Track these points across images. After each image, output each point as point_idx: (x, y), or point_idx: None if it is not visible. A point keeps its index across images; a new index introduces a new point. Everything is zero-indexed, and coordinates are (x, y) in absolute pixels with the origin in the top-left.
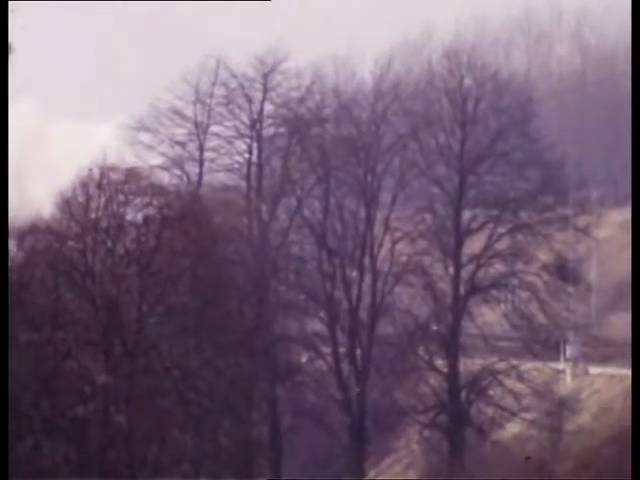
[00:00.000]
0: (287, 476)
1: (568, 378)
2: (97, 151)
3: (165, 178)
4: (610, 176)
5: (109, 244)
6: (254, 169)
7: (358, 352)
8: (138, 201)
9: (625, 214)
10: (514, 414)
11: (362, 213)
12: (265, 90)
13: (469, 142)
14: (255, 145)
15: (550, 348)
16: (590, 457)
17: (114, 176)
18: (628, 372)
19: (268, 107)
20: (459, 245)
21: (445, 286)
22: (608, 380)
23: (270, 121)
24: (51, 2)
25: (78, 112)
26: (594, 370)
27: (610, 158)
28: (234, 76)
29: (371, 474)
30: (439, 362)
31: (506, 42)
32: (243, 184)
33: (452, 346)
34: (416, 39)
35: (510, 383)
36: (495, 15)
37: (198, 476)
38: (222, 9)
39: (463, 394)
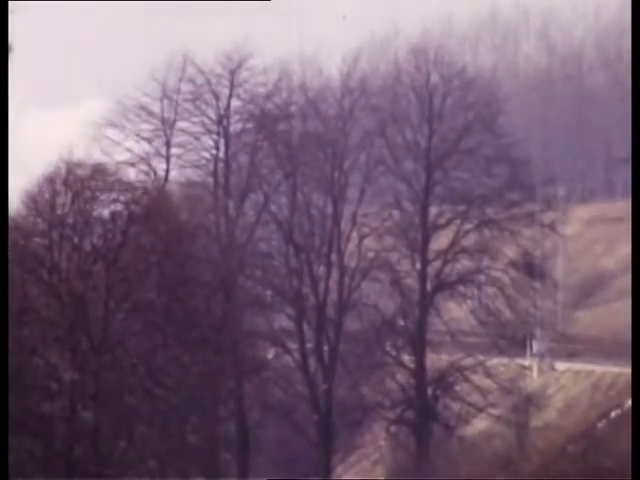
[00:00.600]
0: (254, 472)
1: (534, 374)
2: (64, 143)
3: (132, 174)
4: (576, 173)
5: (75, 240)
6: (221, 165)
7: (325, 348)
8: (105, 197)
9: (591, 210)
10: (481, 410)
11: (329, 209)
12: (232, 86)
13: (436, 138)
14: (222, 141)
15: (517, 344)
16: (556, 453)
17: (80, 172)
18: (594, 368)
19: (235, 103)
20: (426, 241)
21: (412, 282)
22: (574, 376)
23: (237, 117)
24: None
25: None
26: (560, 366)
27: (576, 155)
28: (201, 72)
29: (338, 470)
30: (406, 358)
31: (473, 39)
32: (210, 180)
33: (419, 342)
34: (383, 36)
35: (477, 379)
36: (462, 12)
37: (165, 472)
38: (189, 5)
39: (430, 390)
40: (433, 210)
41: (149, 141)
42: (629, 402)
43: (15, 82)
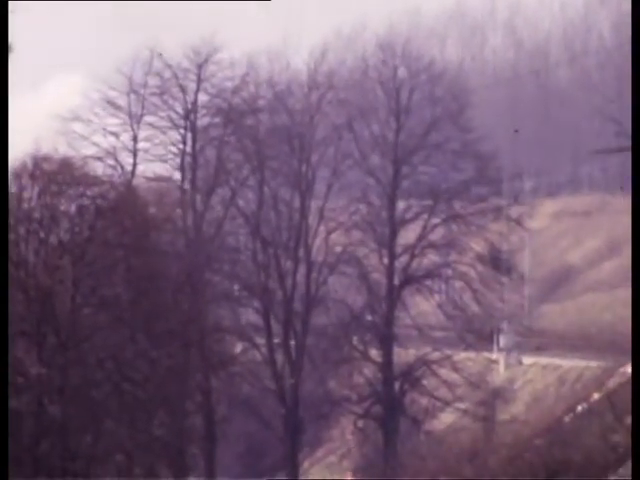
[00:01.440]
0: (221, 466)
1: (501, 368)
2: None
3: (99, 168)
4: (543, 167)
5: (42, 235)
6: (188, 159)
7: (292, 342)
8: (72, 191)
9: (557, 204)
10: (448, 404)
11: (297, 203)
12: (199, 80)
13: (403, 133)
14: (189, 135)
15: (484, 338)
16: (523, 447)
17: (47, 166)
18: (560, 362)
19: (202, 97)
20: (393, 235)
21: (379, 276)
22: (541, 370)
23: (204, 111)
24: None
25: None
26: (527, 360)
27: (543, 149)
28: (168, 66)
29: (305, 464)
30: (373, 352)
31: (440, 33)
32: (177, 174)
33: (386, 336)
34: (350, 30)
35: (444, 373)
36: (429, 6)
37: (132, 467)
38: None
39: (397, 384)
40: (400, 204)
41: (116, 135)
42: (595, 396)
43: None
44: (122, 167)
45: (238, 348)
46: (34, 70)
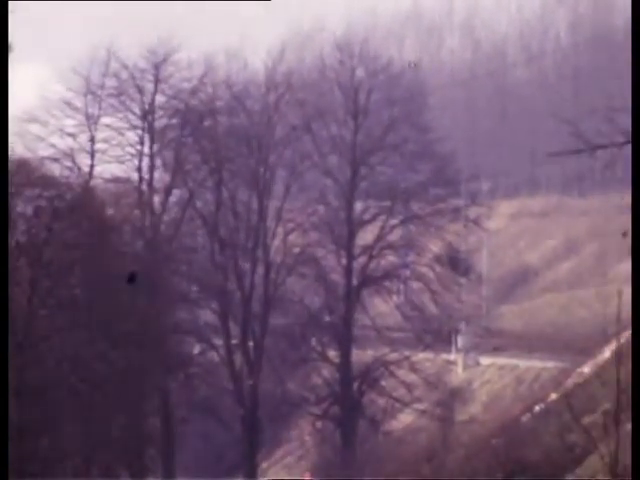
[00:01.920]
0: (180, 468)
1: (459, 369)
2: None
3: (56, 170)
4: (500, 168)
5: None
6: (146, 161)
7: (251, 343)
8: (28, 193)
9: (515, 205)
10: (406, 404)
11: (255, 204)
12: (157, 81)
13: (361, 133)
14: (147, 136)
15: (442, 339)
16: (480, 447)
17: None
18: (518, 362)
19: (160, 98)
20: (351, 236)
21: (337, 277)
22: (498, 370)
23: (162, 112)
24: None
25: None
26: (485, 360)
27: (500, 150)
28: (125, 67)
29: (263, 465)
30: (332, 353)
31: (398, 34)
32: (135, 176)
33: (345, 337)
34: (308, 30)
35: (402, 374)
36: (386, 7)
37: (89, 469)
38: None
39: (355, 385)
40: (359, 205)
41: (73, 136)
42: (552, 396)
43: None
44: (79, 168)
45: (196, 349)
46: None
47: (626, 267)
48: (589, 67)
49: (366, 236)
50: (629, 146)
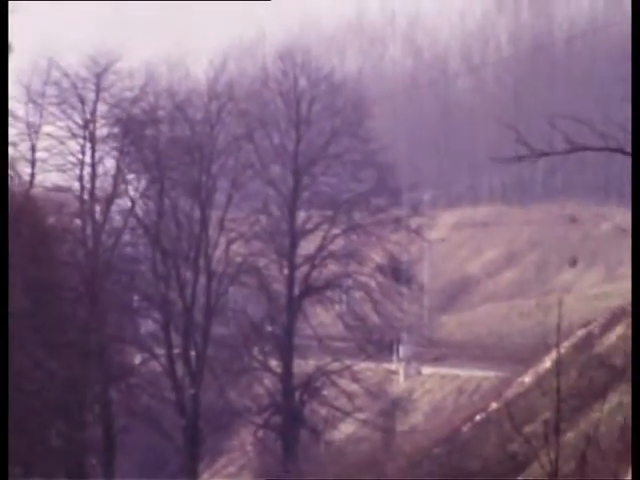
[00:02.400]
0: (121, 477)
1: (401, 378)
2: None
3: None
4: (442, 178)
5: None
6: (87, 169)
7: (193, 353)
8: None
9: (456, 215)
10: (348, 414)
11: (197, 214)
12: (98, 90)
13: (303, 143)
14: (88, 145)
15: (383, 348)
16: (422, 456)
17: None
18: (459, 372)
19: (101, 107)
20: (294, 246)
21: (280, 287)
22: (439, 380)
23: (103, 121)
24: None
25: None
26: (426, 370)
27: (442, 160)
28: (66, 76)
29: (205, 475)
30: (273, 363)
31: (340, 43)
32: (76, 184)
33: (286, 347)
34: (250, 40)
35: (344, 383)
36: (328, 17)
37: (29, 478)
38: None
39: (297, 395)
40: (301, 215)
41: (14, 145)
42: (493, 405)
43: None
44: (20, 177)
45: (138, 359)
46: None
47: (566, 277)
48: (529, 76)
49: (308, 246)
50: (572, 155)
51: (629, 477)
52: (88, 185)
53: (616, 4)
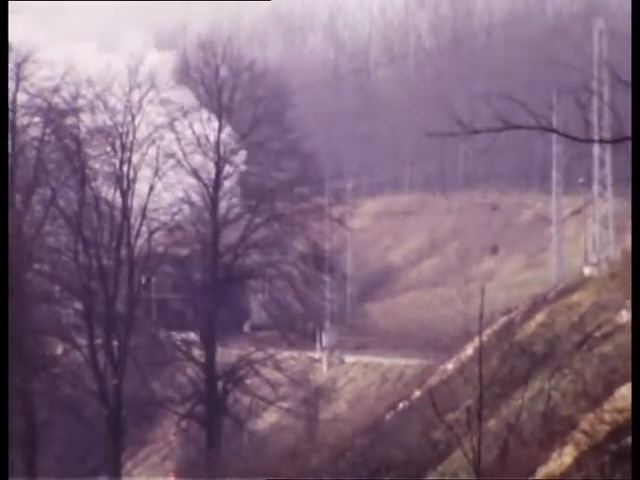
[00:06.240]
0: (42, 469)
1: (324, 367)
2: None
3: None
4: (364, 166)
5: None
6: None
7: (115, 343)
8: None
9: (379, 204)
10: (271, 403)
11: (118, 203)
12: (18, 80)
13: (225, 132)
14: (8, 135)
15: (307, 337)
16: (345, 445)
17: None
18: (382, 360)
19: (22, 97)
20: (216, 235)
21: (202, 276)
22: (363, 368)
23: (24, 111)
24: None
25: None
26: (349, 359)
27: (364, 148)
28: None
29: (128, 465)
30: (196, 352)
31: (261, 34)
32: None
33: (209, 336)
34: (172, 30)
35: (267, 372)
36: (249, 8)
37: None
38: None
39: (220, 384)
40: (223, 204)
41: None
42: (416, 393)
43: None
44: None
45: (59, 349)
46: None
47: (487, 265)
48: (450, 68)
49: (231, 235)
50: (494, 142)
51: (550, 464)
52: (9, 175)
53: None
